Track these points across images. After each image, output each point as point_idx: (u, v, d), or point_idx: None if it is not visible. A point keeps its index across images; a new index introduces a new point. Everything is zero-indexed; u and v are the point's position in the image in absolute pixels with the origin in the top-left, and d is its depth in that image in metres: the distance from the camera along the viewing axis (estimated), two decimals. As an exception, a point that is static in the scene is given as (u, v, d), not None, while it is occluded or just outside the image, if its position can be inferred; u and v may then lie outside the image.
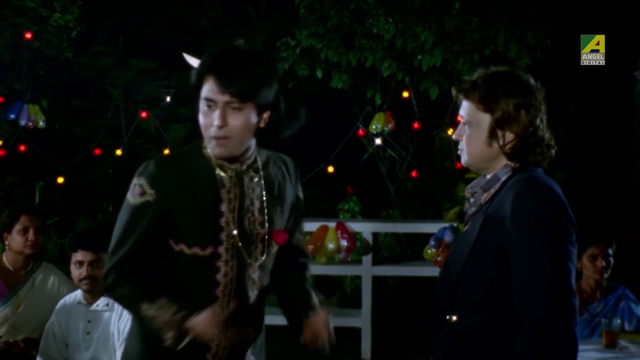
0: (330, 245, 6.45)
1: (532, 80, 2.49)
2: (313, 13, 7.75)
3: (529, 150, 2.46)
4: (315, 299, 2.81)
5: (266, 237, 2.69)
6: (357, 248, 6.78)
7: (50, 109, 7.99)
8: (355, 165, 8.27)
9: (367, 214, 8.31)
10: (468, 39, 7.25)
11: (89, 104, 9.02)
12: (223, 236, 2.61)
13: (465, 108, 2.53)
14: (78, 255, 3.97)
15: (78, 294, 4.06)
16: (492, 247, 2.40)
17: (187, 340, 2.50)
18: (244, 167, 2.67)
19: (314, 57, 7.80)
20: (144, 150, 8.59)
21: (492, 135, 2.46)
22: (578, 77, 8.21)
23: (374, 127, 7.59)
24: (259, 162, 2.73)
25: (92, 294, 3.98)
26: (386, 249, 7.95)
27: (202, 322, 2.50)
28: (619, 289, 4.68)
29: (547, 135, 2.48)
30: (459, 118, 2.56)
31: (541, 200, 2.34)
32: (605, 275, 4.64)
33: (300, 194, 2.87)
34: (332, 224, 6.55)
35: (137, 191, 2.59)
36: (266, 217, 2.69)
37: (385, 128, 7.63)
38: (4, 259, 4.48)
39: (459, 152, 2.57)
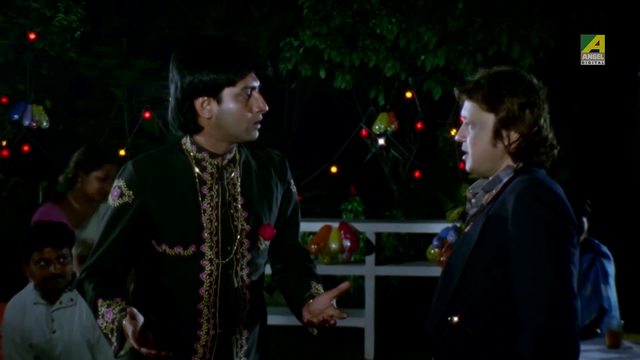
0: (333, 245, 6.46)
1: (534, 80, 2.48)
2: (316, 13, 7.77)
3: (533, 150, 2.45)
4: (317, 287, 2.74)
5: (251, 232, 2.66)
6: (360, 248, 6.79)
7: (53, 109, 8.01)
8: (359, 166, 8.29)
9: (370, 214, 8.34)
10: (471, 39, 7.27)
11: (93, 104, 9.05)
12: (205, 234, 2.59)
13: (468, 109, 2.51)
14: (44, 253, 3.75)
15: (31, 295, 3.86)
16: (494, 248, 2.39)
17: (128, 345, 2.42)
18: (225, 162, 2.66)
19: (317, 58, 7.82)
20: (147, 151, 8.62)
21: (496, 135, 2.45)
22: (581, 77, 8.20)
23: (377, 127, 7.60)
24: (239, 157, 2.71)
25: (53, 293, 3.80)
26: (389, 249, 7.97)
27: (126, 328, 2.40)
28: (593, 244, 4.61)
29: (550, 135, 2.48)
30: (462, 119, 2.56)
31: (543, 202, 2.33)
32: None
33: (293, 188, 2.84)
34: (335, 224, 6.56)
35: (116, 193, 2.59)
36: (251, 212, 2.67)
37: (389, 128, 7.63)
38: (71, 198, 4.39)
39: (463, 157, 2.55)
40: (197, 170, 2.61)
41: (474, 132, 2.49)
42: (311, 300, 2.62)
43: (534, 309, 2.29)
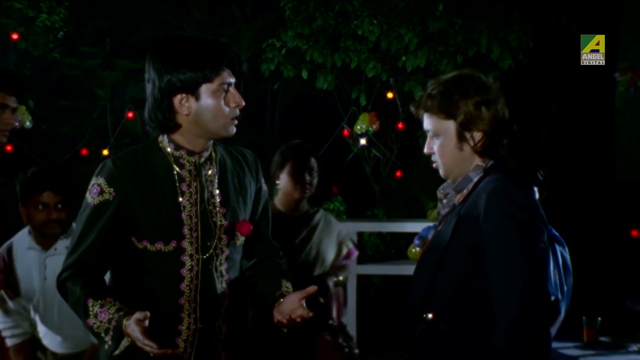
0: None
1: (483, 77, 2.53)
2: (298, 14, 7.78)
3: (498, 144, 2.50)
4: (287, 285, 2.79)
5: (229, 228, 2.72)
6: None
7: (37, 109, 7.99)
8: (340, 165, 8.30)
9: (352, 214, 8.35)
10: (452, 40, 7.31)
11: (76, 105, 9.02)
12: (185, 230, 2.64)
13: (428, 122, 2.56)
14: (44, 197, 3.71)
15: (26, 240, 3.79)
16: (466, 247, 2.44)
17: (124, 344, 2.50)
18: (202, 159, 2.71)
19: (299, 58, 7.83)
20: (129, 150, 8.61)
21: (461, 139, 2.50)
22: (560, 77, 8.29)
23: (358, 127, 7.61)
24: (215, 155, 2.76)
25: (48, 239, 3.75)
26: (371, 248, 8.01)
27: (131, 328, 2.47)
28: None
29: (513, 125, 2.52)
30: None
31: (514, 200, 2.38)
32: None
33: (264, 186, 2.90)
34: None
35: (95, 191, 2.62)
36: (228, 209, 2.72)
37: (370, 128, 7.64)
38: (276, 202, 4.21)
39: (434, 165, 2.59)
40: (175, 167, 2.67)
41: (440, 141, 2.54)
42: (281, 300, 2.69)
43: (507, 305, 2.33)
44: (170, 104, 2.62)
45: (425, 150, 2.61)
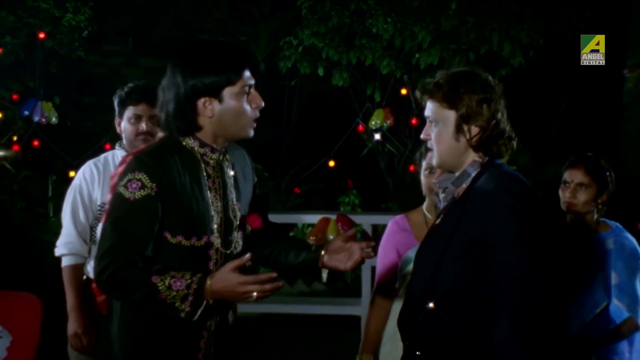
0: (331, 237, 6.41)
1: (490, 78, 2.58)
2: (315, 13, 7.88)
3: (493, 142, 2.54)
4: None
5: (242, 222, 2.76)
6: (357, 239, 6.91)
7: (62, 105, 8.11)
8: (355, 160, 8.38)
9: (367, 207, 8.44)
10: (464, 38, 7.39)
11: (100, 101, 8.96)
12: (214, 225, 2.66)
13: (430, 108, 2.60)
14: (138, 109, 3.72)
15: (119, 153, 3.79)
16: (468, 238, 2.46)
17: (202, 307, 2.51)
18: (221, 156, 2.76)
19: (315, 56, 7.93)
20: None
21: (458, 130, 2.53)
22: (570, 74, 8.33)
23: (373, 123, 7.67)
24: (226, 152, 2.82)
25: None
26: (385, 240, 8.10)
27: (224, 278, 2.50)
28: (612, 229, 3.76)
29: (507, 127, 2.58)
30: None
31: (514, 194, 2.43)
32: (573, 209, 3.73)
33: (255, 178, 2.97)
34: (333, 217, 6.57)
35: (135, 185, 2.57)
36: (242, 203, 2.79)
37: (384, 124, 7.71)
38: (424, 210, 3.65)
39: (429, 153, 2.66)
40: (202, 164, 2.70)
41: (438, 129, 2.58)
42: (322, 253, 2.81)
43: (512, 294, 2.36)
44: (194, 107, 2.64)
45: (422, 135, 2.64)
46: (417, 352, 2.56)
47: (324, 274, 2.85)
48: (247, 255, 2.54)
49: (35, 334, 3.99)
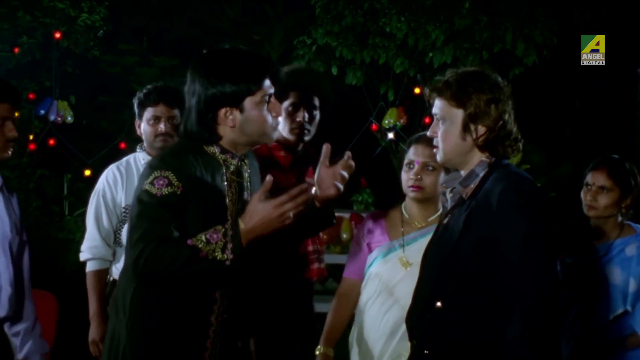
0: (345, 235, 6.52)
1: (499, 78, 2.61)
2: (328, 12, 7.88)
3: (499, 142, 2.57)
4: None
5: None
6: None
7: (78, 104, 8.17)
8: (369, 159, 8.40)
9: (380, 205, 8.38)
10: (477, 37, 7.39)
11: (115, 100, 9.13)
12: None
13: (438, 106, 2.63)
14: (157, 110, 3.79)
15: (140, 156, 3.87)
16: (476, 238, 2.48)
17: (242, 249, 2.56)
18: (240, 162, 2.81)
19: (329, 55, 7.94)
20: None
21: (465, 129, 2.57)
22: (583, 73, 8.31)
23: (386, 122, 7.72)
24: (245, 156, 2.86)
25: (158, 152, 3.67)
26: (398, 238, 8.09)
27: (255, 212, 2.56)
28: (636, 234, 3.68)
29: (514, 128, 2.61)
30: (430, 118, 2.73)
31: (524, 194, 2.47)
32: (594, 213, 3.67)
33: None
34: (346, 215, 6.63)
35: (162, 182, 2.59)
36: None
37: (398, 123, 7.76)
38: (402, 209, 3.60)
39: (434, 150, 2.67)
40: (223, 169, 2.74)
41: (445, 127, 2.61)
42: (313, 190, 2.91)
43: (523, 294, 2.38)
44: (215, 117, 2.68)
45: (429, 132, 2.67)
46: (426, 351, 2.58)
47: None
48: (269, 178, 2.58)
49: (51, 330, 4.06)
